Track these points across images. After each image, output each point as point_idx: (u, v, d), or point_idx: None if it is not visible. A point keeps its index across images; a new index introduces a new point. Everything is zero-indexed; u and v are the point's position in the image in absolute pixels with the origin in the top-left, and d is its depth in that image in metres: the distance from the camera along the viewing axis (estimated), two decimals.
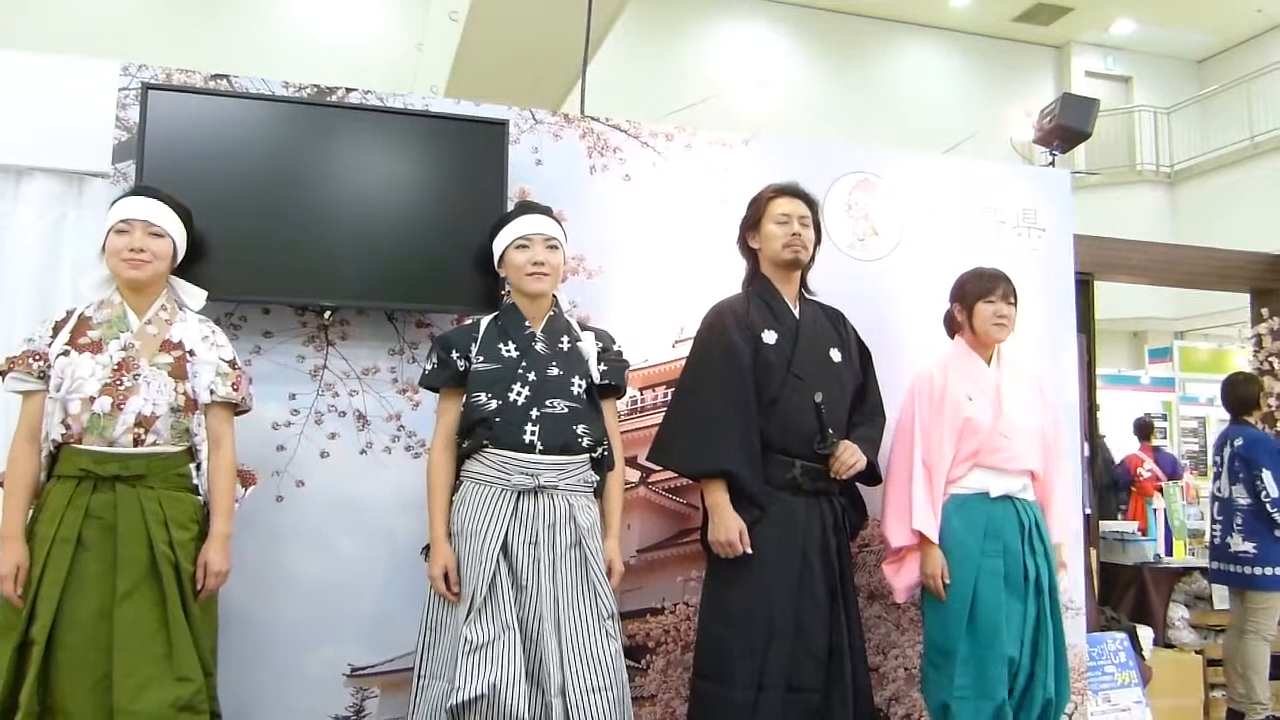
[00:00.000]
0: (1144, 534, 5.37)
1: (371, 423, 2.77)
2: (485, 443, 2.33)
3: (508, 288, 2.54)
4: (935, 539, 2.72)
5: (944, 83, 11.68)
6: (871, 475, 2.73)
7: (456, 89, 5.63)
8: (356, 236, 2.66)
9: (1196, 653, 4.49)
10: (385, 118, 2.76)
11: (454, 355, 2.40)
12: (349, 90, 2.84)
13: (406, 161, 2.75)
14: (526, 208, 2.56)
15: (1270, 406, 5.27)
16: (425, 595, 2.37)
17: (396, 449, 2.78)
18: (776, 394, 2.60)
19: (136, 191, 2.33)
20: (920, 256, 3.36)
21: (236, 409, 2.34)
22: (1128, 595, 4.80)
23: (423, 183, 2.75)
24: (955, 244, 3.38)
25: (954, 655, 2.66)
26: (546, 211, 2.55)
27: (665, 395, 2.94)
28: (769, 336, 2.65)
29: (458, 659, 2.20)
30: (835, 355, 2.72)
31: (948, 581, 2.69)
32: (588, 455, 2.40)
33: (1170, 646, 4.63)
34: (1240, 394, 4.66)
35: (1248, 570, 4.35)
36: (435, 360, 2.43)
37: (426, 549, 2.37)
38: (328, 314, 2.70)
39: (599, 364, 2.46)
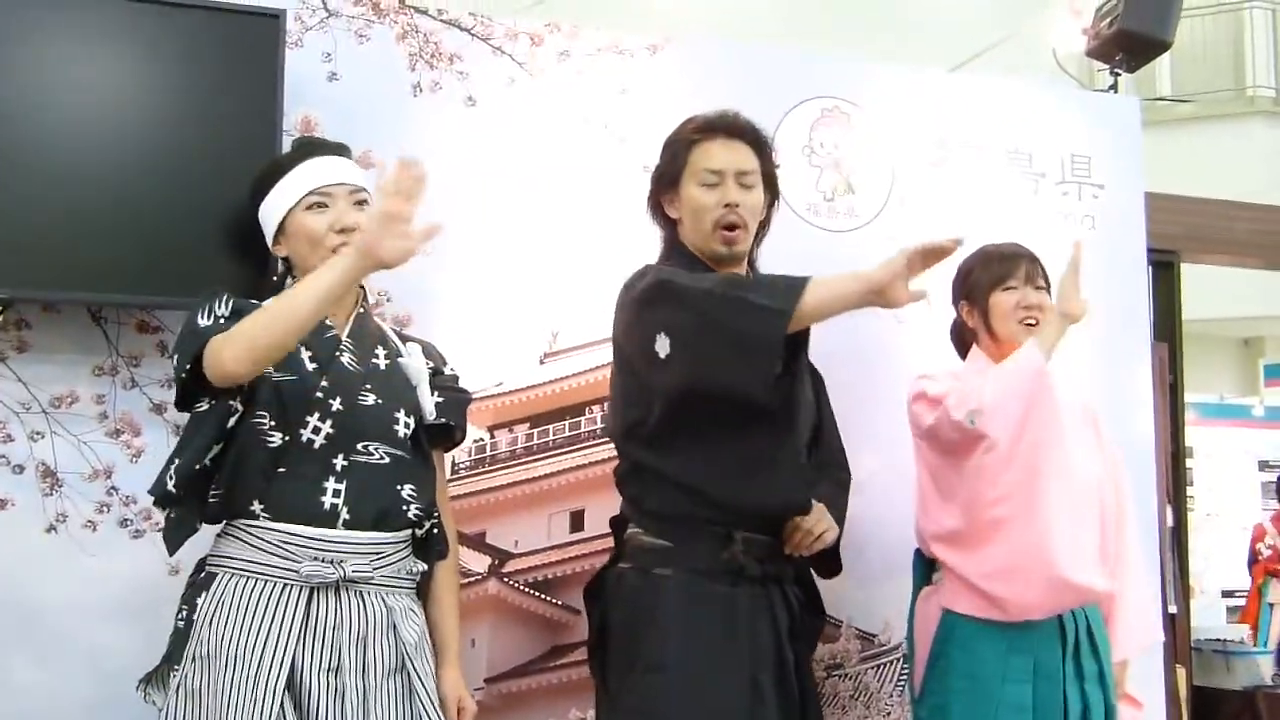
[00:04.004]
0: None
1: (65, 482, 2.74)
2: (257, 507, 2.28)
3: (282, 269, 2.51)
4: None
5: None
6: (831, 558, 2.76)
7: None
8: (43, 190, 2.63)
9: None
10: (91, 5, 2.73)
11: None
12: None
13: (125, 75, 2.74)
14: (313, 147, 2.54)
15: None
16: None
17: (106, 524, 2.75)
18: None
19: None
20: (917, 225, 3.40)
21: None
22: None
23: (150, 107, 2.74)
24: (969, 207, 3.47)
25: None
26: (342, 152, 2.55)
27: (528, 437, 2.96)
28: None
29: None
30: None
31: None
32: (411, 532, 2.40)
33: None
34: None
35: None
36: (220, 308, 2.29)
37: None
38: None
39: (432, 393, 2.47)
